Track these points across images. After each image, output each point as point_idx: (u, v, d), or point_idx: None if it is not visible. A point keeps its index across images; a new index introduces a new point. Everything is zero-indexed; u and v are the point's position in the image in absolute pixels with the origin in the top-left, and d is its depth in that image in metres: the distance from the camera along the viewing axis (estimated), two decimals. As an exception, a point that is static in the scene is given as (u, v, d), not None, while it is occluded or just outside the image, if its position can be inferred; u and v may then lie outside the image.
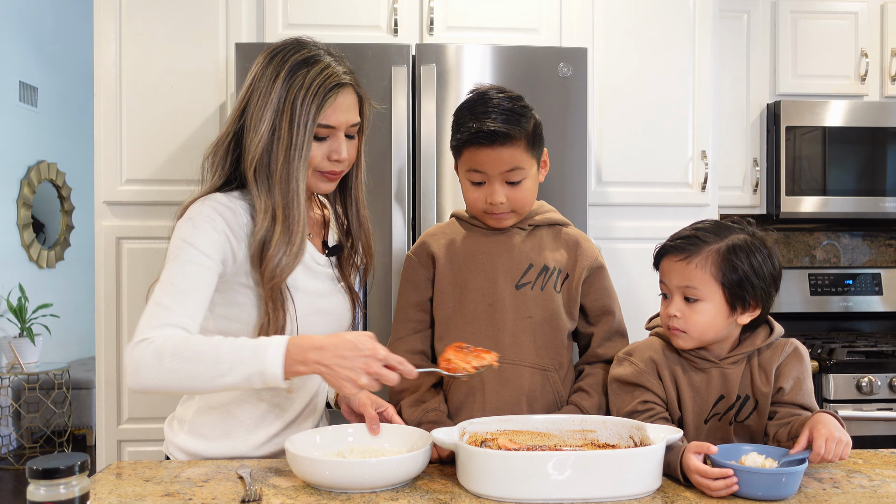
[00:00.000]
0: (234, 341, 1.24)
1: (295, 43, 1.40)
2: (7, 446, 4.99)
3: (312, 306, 1.42)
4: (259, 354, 1.21)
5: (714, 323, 1.33)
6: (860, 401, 2.54)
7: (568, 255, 1.52)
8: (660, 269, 1.39)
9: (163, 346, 1.22)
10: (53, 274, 5.55)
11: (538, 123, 1.48)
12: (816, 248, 3.32)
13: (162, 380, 1.22)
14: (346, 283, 1.52)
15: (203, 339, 1.24)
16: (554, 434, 1.31)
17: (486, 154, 1.42)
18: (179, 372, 1.22)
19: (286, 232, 1.34)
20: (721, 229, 1.36)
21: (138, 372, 1.23)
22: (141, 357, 1.23)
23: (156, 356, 1.22)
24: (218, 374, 1.21)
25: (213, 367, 1.21)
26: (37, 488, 0.89)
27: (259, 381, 1.22)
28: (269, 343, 1.23)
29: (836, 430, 1.21)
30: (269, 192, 1.35)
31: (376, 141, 2.26)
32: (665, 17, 2.55)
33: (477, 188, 1.46)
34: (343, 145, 1.40)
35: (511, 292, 1.48)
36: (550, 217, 1.55)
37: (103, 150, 2.42)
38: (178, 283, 1.29)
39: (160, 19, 2.42)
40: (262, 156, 1.35)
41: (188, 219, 1.35)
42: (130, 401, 2.41)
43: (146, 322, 1.26)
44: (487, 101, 1.43)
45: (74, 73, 5.70)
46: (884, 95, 2.98)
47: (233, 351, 1.22)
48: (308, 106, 1.34)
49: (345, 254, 1.53)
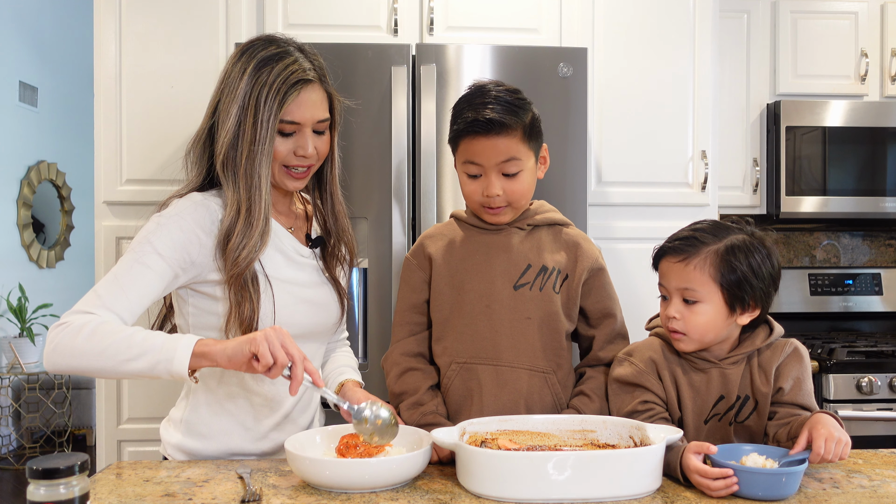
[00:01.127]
0: (150, 333, 1.28)
1: (265, 39, 1.42)
2: (7, 446, 4.99)
3: (296, 296, 1.44)
4: (170, 344, 1.25)
5: (714, 324, 1.33)
6: (860, 401, 2.54)
7: (568, 256, 1.51)
8: (658, 271, 1.39)
9: (82, 327, 1.26)
10: (53, 274, 5.55)
11: (536, 117, 1.47)
12: (816, 248, 3.32)
13: (74, 357, 1.26)
14: (331, 275, 1.53)
15: (120, 326, 1.28)
16: (554, 434, 1.31)
17: (482, 144, 1.41)
18: (90, 351, 1.25)
19: (248, 224, 1.36)
20: (719, 230, 1.35)
21: (54, 350, 1.27)
22: (57, 336, 1.26)
23: (72, 335, 1.25)
24: (128, 358, 1.25)
25: (126, 351, 1.25)
26: (37, 488, 0.89)
27: (164, 368, 1.25)
28: (182, 336, 1.27)
29: (835, 430, 1.21)
30: (235, 186, 1.37)
31: (376, 141, 2.26)
32: (665, 17, 2.55)
33: (473, 181, 1.46)
34: (308, 141, 1.41)
35: (509, 293, 1.47)
36: (550, 217, 1.54)
37: (103, 150, 2.42)
38: (121, 278, 1.32)
39: (160, 19, 2.42)
40: (229, 151, 1.38)
41: (158, 216, 1.38)
42: (130, 401, 2.41)
43: (78, 305, 1.30)
44: (485, 93, 1.43)
45: (74, 73, 5.70)
46: (884, 95, 2.98)
47: (147, 340, 1.26)
48: (271, 102, 1.35)
49: (329, 247, 1.54)
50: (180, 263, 1.35)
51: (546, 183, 2.33)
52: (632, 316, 1.67)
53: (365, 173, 2.27)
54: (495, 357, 1.44)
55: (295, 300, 1.43)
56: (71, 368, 1.28)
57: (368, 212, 2.28)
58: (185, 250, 1.35)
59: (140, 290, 1.32)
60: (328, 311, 1.51)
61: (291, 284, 1.44)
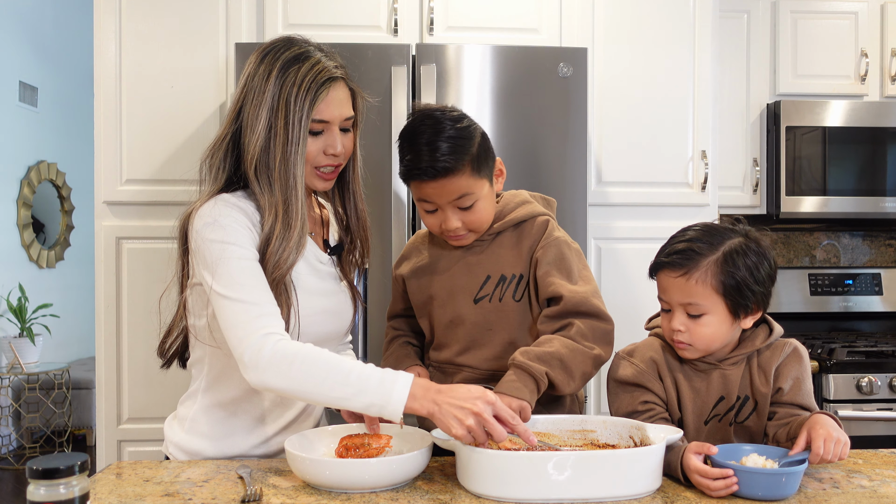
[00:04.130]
0: (364, 367, 1.25)
1: (285, 41, 1.41)
2: (7, 446, 4.99)
3: (315, 306, 1.43)
4: (385, 387, 1.22)
5: (719, 333, 1.32)
6: (860, 401, 2.54)
7: (529, 252, 1.47)
8: (657, 284, 1.37)
9: (296, 352, 1.24)
10: (53, 274, 5.55)
11: (483, 140, 1.43)
12: (816, 248, 3.32)
13: (288, 382, 1.24)
14: (347, 281, 1.53)
15: (333, 357, 1.26)
16: (554, 434, 1.31)
17: (431, 187, 1.40)
18: (307, 382, 1.23)
19: (286, 227, 1.35)
20: (714, 236, 1.33)
21: (268, 369, 1.24)
22: (272, 354, 1.24)
23: (286, 359, 1.24)
24: (343, 397, 1.23)
25: (340, 389, 1.23)
26: (37, 488, 0.89)
27: (377, 411, 1.23)
28: (397, 378, 1.23)
29: (834, 430, 1.21)
30: (271, 190, 1.36)
31: (377, 141, 2.26)
32: (665, 18, 2.55)
33: (431, 214, 1.46)
34: (338, 139, 1.41)
35: (470, 308, 1.48)
36: (514, 218, 1.49)
37: (103, 150, 2.42)
38: (243, 280, 1.29)
39: (160, 19, 2.42)
40: (261, 154, 1.36)
41: (211, 222, 1.33)
42: (130, 401, 2.41)
43: (239, 318, 1.27)
44: (425, 131, 1.40)
45: (74, 73, 5.70)
46: (884, 95, 2.98)
47: (361, 378, 1.23)
48: (301, 102, 1.35)
49: (345, 251, 1.54)
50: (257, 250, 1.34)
51: (546, 183, 2.34)
52: (632, 316, 1.67)
53: (365, 173, 2.27)
54: (463, 365, 1.50)
55: (314, 310, 1.42)
56: (281, 393, 1.26)
57: (369, 211, 2.27)
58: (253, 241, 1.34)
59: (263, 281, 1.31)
60: (342, 318, 1.52)
61: (312, 294, 1.43)
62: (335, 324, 1.49)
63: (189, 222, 1.37)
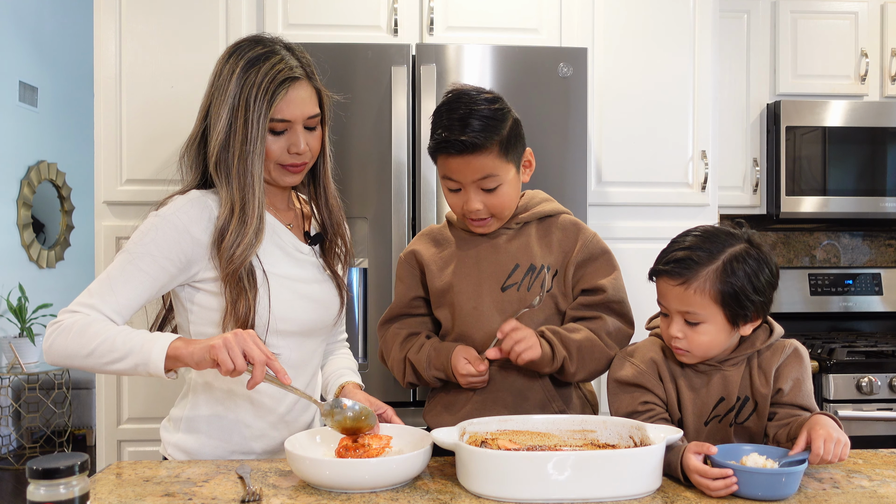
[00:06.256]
0: (131, 331, 1.31)
1: (252, 40, 1.43)
2: (7, 446, 4.99)
3: (295, 292, 1.45)
4: (147, 346, 1.28)
5: (717, 341, 1.32)
6: (860, 401, 2.54)
7: (559, 247, 1.50)
8: (657, 288, 1.37)
9: (71, 326, 1.31)
10: (53, 274, 5.55)
11: (515, 124, 1.44)
12: (816, 248, 3.32)
13: (66, 357, 1.32)
14: (331, 271, 1.54)
15: (105, 326, 1.31)
16: (554, 434, 1.31)
17: (457, 162, 1.40)
18: (79, 353, 1.30)
19: (242, 222, 1.37)
20: (713, 243, 1.31)
21: (50, 349, 1.33)
22: (51, 335, 1.33)
23: (63, 334, 1.31)
24: (112, 360, 1.30)
25: (109, 354, 1.29)
26: (37, 488, 0.89)
27: (144, 370, 1.29)
28: (158, 337, 1.30)
29: (833, 430, 1.21)
30: (229, 186, 1.39)
31: (377, 141, 2.26)
32: (665, 17, 2.55)
33: (454, 194, 1.46)
34: (301, 138, 1.42)
35: (496, 296, 1.47)
36: (540, 211, 1.52)
37: (103, 150, 2.42)
38: (114, 279, 1.36)
39: (160, 19, 2.42)
40: (221, 152, 1.39)
41: (154, 214, 1.40)
42: (130, 401, 2.41)
43: (72, 304, 1.35)
44: (459, 107, 1.40)
45: (74, 73, 5.70)
46: (884, 95, 2.98)
47: (126, 342, 1.29)
48: (260, 102, 1.37)
49: (327, 243, 1.55)
50: (175, 263, 1.37)
51: (546, 183, 2.33)
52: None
53: (365, 173, 2.28)
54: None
55: (294, 296, 1.44)
56: (66, 366, 1.34)
57: (368, 212, 2.28)
58: (179, 249, 1.37)
59: (131, 291, 1.35)
60: (328, 307, 1.52)
61: (291, 280, 1.45)
62: (319, 312, 1.50)
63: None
